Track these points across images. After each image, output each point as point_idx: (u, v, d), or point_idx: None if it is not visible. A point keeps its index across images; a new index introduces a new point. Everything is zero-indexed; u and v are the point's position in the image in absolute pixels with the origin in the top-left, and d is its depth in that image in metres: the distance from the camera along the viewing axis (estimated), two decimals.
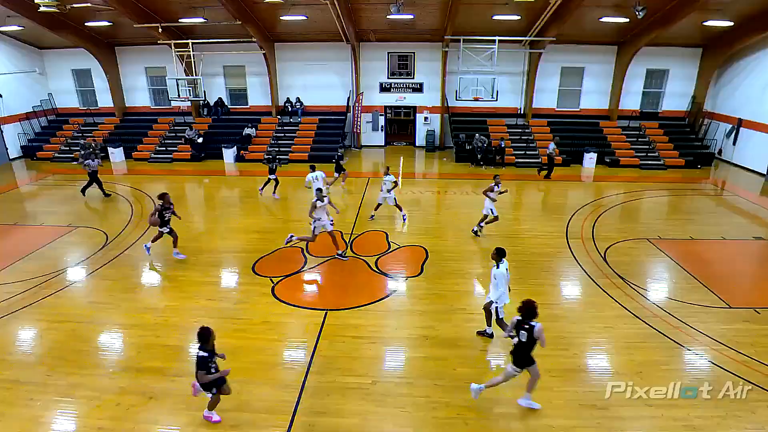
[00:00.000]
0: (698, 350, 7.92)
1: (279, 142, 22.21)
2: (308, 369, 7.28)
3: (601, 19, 18.97)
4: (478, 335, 8.16)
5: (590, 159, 20.76)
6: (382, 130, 24.61)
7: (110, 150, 21.63)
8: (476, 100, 21.16)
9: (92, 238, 12.45)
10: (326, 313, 8.85)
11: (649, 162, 20.99)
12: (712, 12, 18.05)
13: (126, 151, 22.14)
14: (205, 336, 5.68)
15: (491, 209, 12.22)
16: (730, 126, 21.33)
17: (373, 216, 13.87)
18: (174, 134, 23.03)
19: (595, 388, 6.99)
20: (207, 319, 8.57)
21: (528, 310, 5.99)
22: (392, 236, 12.65)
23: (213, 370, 5.73)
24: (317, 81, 23.50)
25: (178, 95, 21.24)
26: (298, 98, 23.73)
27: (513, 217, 14.64)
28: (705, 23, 18.84)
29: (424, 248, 11.80)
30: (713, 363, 7.58)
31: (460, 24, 19.79)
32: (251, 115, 23.78)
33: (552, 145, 18.85)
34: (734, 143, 21.23)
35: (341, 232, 12.82)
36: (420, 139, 24.58)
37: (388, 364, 7.61)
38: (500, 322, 7.67)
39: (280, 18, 19.64)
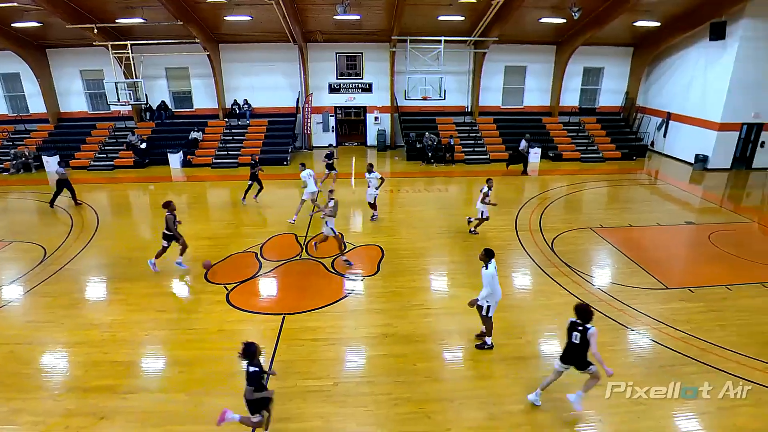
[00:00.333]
0: (641, 330, 8.47)
1: (227, 145, 21.67)
2: (268, 375, 7.17)
3: (540, 20, 19.77)
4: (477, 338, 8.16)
5: (535, 154, 21.57)
6: (332, 130, 24.52)
7: (44, 158, 20.34)
8: (425, 99, 21.52)
9: (28, 253, 11.67)
10: (284, 318, 8.76)
11: (589, 155, 22.09)
12: (641, 13, 19.25)
13: (63, 159, 20.82)
14: (253, 351, 5.46)
15: (483, 210, 12.48)
16: (661, 119, 22.82)
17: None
18: (115, 140, 21.96)
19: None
20: (158, 331, 8.31)
21: (583, 312, 5.98)
22: (348, 237, 12.65)
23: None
24: (265, 82, 23.11)
25: (118, 99, 20.24)
26: (245, 100, 23.24)
27: (464, 212, 14.96)
28: (635, 24, 20.06)
29: (380, 247, 11.89)
30: (654, 341, 8.13)
31: (407, 24, 20.05)
32: (197, 119, 23.06)
33: (524, 142, 19.83)
34: (665, 135, 22.74)
35: (295, 235, 12.71)
36: (371, 138, 24.70)
37: (349, 365, 7.63)
38: (485, 319, 7.73)
39: (224, 18, 19.17)
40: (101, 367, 7.39)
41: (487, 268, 7.35)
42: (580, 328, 6.00)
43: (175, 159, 20.74)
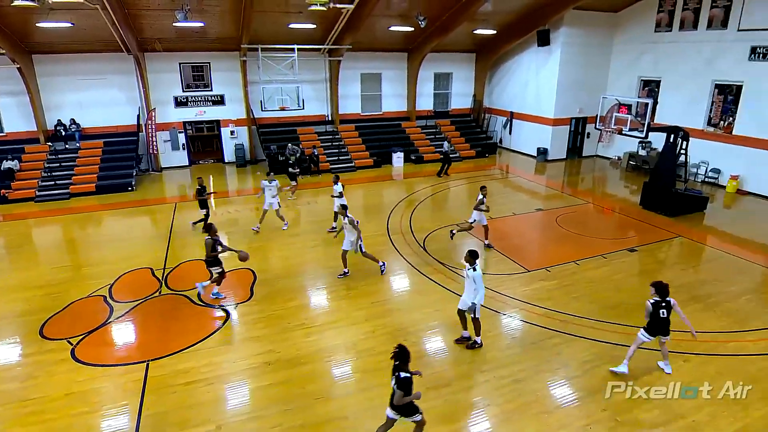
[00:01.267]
0: (511, 313, 9.11)
1: (53, 174, 18.49)
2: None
3: (390, 28, 20.52)
4: (456, 343, 8.03)
5: (398, 158, 22.32)
6: (184, 148, 22.43)
7: None
8: (282, 109, 20.92)
9: None
10: (148, 365, 7.62)
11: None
12: (479, 22, 21.16)
13: None
14: (407, 355, 5.38)
15: (481, 219, 12.06)
16: (505, 118, 25.36)
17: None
18: None
19: (436, 369, 7.44)
20: None
21: (662, 290, 6.82)
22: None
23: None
24: (96, 98, 20.23)
25: None
26: (72, 119, 20.10)
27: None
28: (475, 32, 21.96)
29: (251, 270, 11.08)
30: (524, 321, 8.83)
31: (257, 32, 19.25)
32: (9, 145, 19.26)
33: (446, 144, 20.45)
34: (510, 133, 25.29)
35: (151, 269, 11.22)
36: (228, 154, 23.13)
37: (231, 403, 6.87)
38: (476, 321, 7.71)
39: (37, 25, 16.35)
40: None
41: (475, 270, 7.38)
42: (664, 304, 6.81)
43: None
